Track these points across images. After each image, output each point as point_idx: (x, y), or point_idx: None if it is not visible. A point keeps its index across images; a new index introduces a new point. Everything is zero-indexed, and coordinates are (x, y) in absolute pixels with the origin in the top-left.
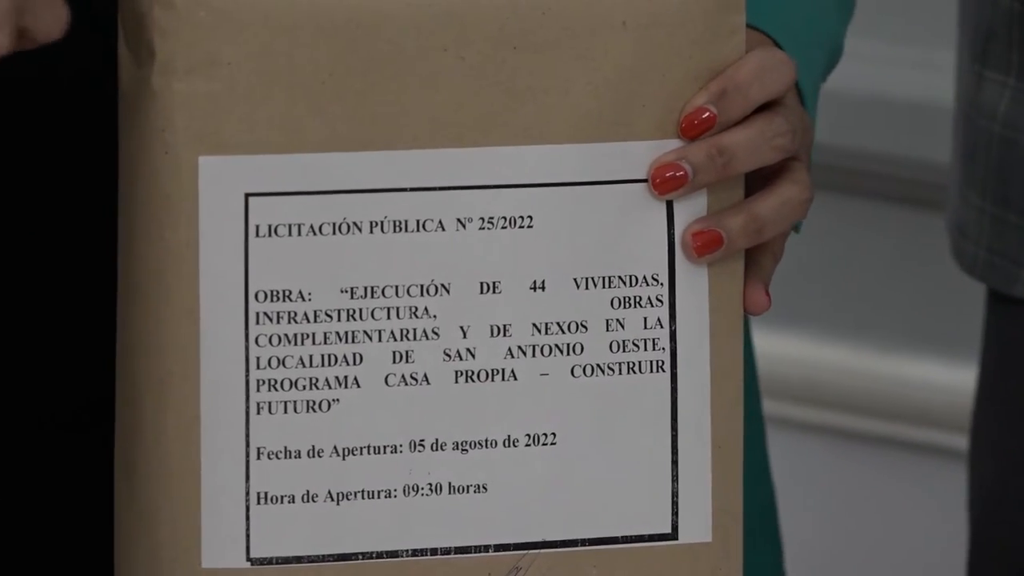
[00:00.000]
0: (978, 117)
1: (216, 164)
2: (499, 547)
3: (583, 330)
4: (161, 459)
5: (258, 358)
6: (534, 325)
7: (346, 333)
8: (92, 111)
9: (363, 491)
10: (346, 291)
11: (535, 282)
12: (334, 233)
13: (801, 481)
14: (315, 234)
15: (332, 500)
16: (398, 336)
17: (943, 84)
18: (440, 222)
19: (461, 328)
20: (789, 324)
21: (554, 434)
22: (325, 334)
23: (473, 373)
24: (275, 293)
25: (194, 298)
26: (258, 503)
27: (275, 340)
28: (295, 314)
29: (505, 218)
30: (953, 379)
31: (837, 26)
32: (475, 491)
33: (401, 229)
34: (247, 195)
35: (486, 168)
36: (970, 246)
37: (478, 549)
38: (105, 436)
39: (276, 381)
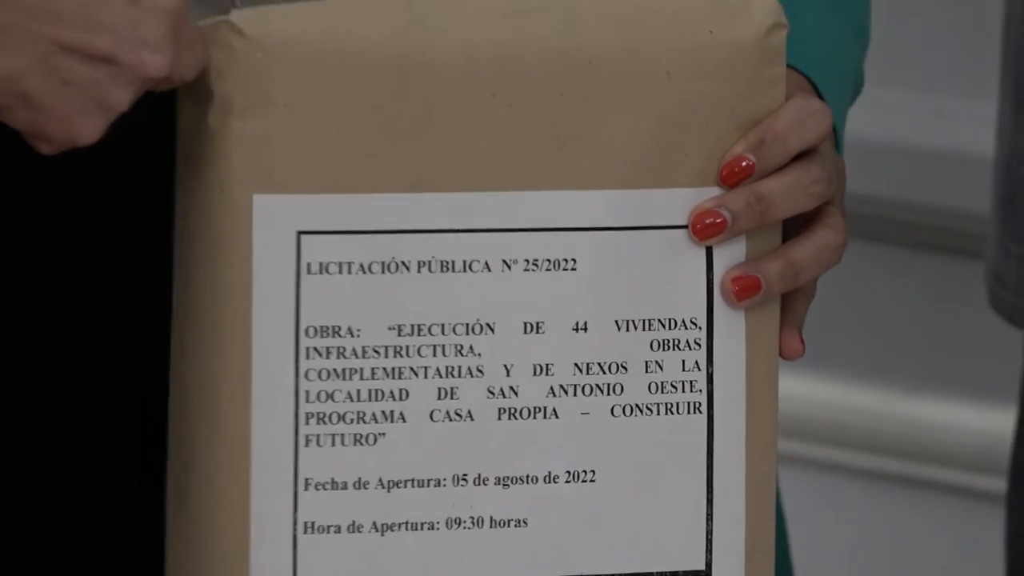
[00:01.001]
0: (1020, 167)
1: (270, 202)
2: None
3: (623, 371)
4: (212, 489)
5: (307, 392)
6: (576, 365)
7: (393, 369)
8: (151, 146)
9: (407, 523)
10: (394, 328)
11: (577, 323)
12: (383, 272)
13: (828, 522)
14: (365, 272)
15: (377, 531)
16: (443, 373)
17: (960, 132)
18: (486, 263)
19: (505, 366)
20: (817, 366)
21: (593, 471)
22: (373, 370)
23: (516, 410)
24: (325, 329)
25: (247, 333)
26: (305, 533)
27: (324, 375)
28: (344, 350)
29: (549, 260)
30: (977, 421)
31: (859, 59)
32: (516, 525)
33: (448, 269)
34: (299, 233)
35: (532, 211)
36: (1009, 295)
37: None
38: (149, 459)
39: (324, 414)
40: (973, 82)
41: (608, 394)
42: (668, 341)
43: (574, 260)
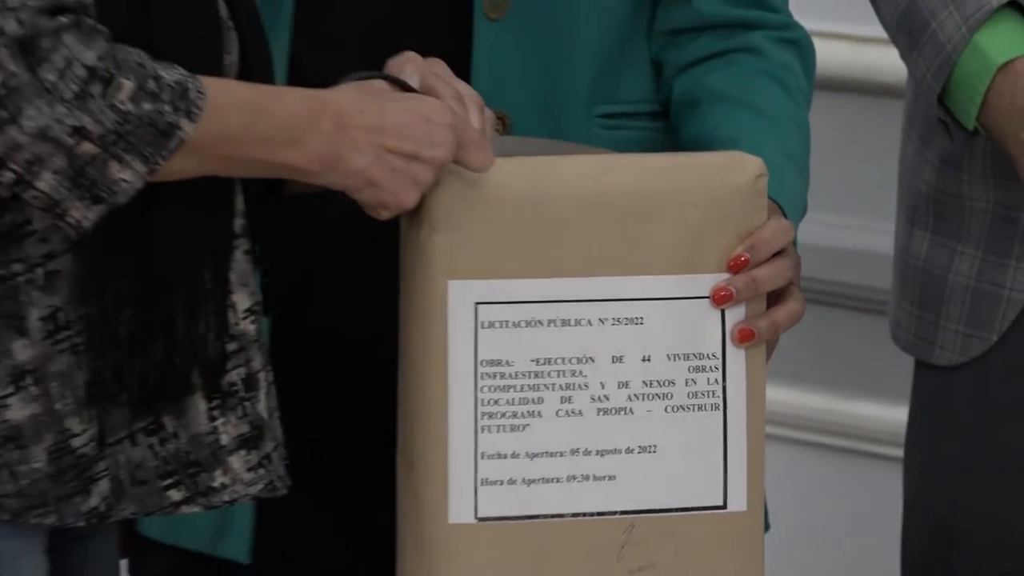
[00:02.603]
0: (908, 257)
1: (458, 285)
2: (622, 512)
3: (672, 385)
4: (426, 460)
5: (482, 399)
6: (643, 382)
7: (533, 385)
8: (382, 251)
9: (543, 478)
10: (534, 360)
11: (644, 356)
12: (527, 326)
13: (794, 475)
14: (516, 327)
15: (525, 484)
16: (563, 387)
17: (873, 238)
18: (588, 320)
19: (601, 383)
20: (791, 382)
21: (655, 446)
22: (521, 386)
23: (608, 410)
24: (492, 361)
25: (445, 364)
26: (482, 485)
27: (492, 389)
28: (503, 374)
29: (628, 318)
30: (886, 413)
31: (805, 194)
32: (608, 479)
33: (567, 324)
34: (476, 304)
35: (616, 288)
36: (903, 334)
37: (610, 513)
38: (379, 444)
39: (492, 413)
40: (881, 208)
41: (664, 399)
42: (699, 366)
43: (642, 318)
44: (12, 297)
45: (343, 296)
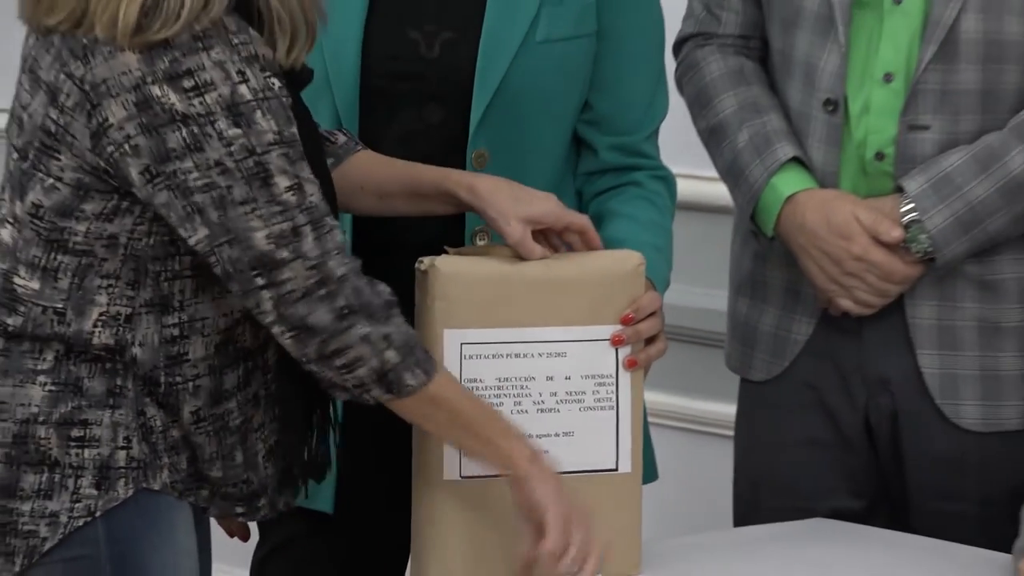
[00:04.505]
0: (735, 314)
1: (451, 333)
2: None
3: (583, 394)
4: (428, 440)
5: None
6: (566, 392)
7: (497, 395)
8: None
9: None
10: (498, 379)
11: (567, 376)
12: (494, 358)
13: (670, 450)
14: (487, 358)
15: None
16: (516, 396)
17: (715, 299)
18: (532, 354)
19: (539, 393)
20: (673, 389)
21: (573, 432)
22: (490, 395)
23: (544, 409)
24: (471, 380)
25: None
26: (464, 455)
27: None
28: (478, 388)
29: (557, 353)
30: (723, 409)
31: (668, 273)
32: (544, 453)
33: (518, 356)
34: (462, 344)
35: (550, 334)
36: (732, 360)
37: None
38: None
39: None
40: (719, 281)
41: (578, 403)
42: (601, 382)
43: (566, 352)
44: (174, 396)
45: None
